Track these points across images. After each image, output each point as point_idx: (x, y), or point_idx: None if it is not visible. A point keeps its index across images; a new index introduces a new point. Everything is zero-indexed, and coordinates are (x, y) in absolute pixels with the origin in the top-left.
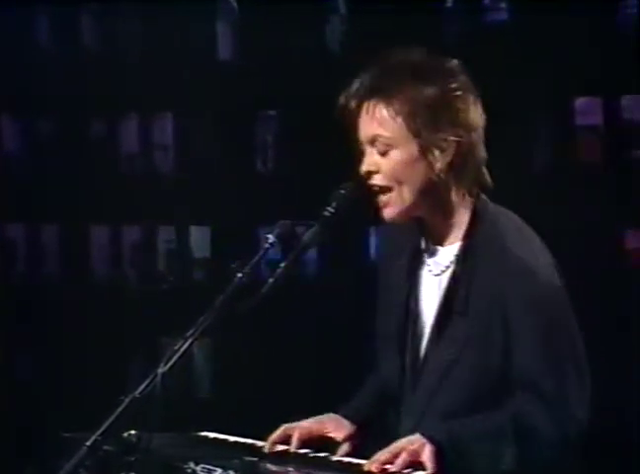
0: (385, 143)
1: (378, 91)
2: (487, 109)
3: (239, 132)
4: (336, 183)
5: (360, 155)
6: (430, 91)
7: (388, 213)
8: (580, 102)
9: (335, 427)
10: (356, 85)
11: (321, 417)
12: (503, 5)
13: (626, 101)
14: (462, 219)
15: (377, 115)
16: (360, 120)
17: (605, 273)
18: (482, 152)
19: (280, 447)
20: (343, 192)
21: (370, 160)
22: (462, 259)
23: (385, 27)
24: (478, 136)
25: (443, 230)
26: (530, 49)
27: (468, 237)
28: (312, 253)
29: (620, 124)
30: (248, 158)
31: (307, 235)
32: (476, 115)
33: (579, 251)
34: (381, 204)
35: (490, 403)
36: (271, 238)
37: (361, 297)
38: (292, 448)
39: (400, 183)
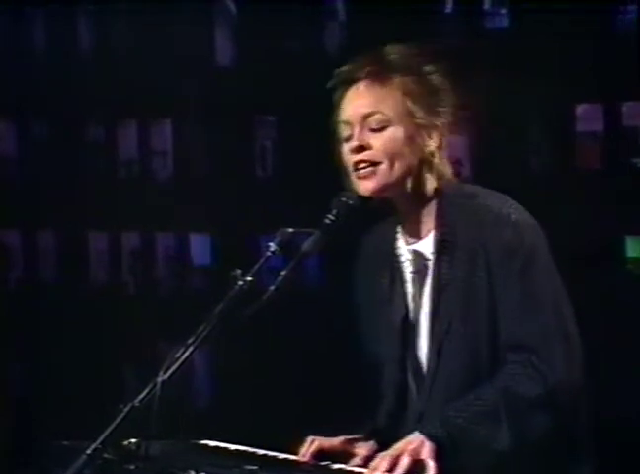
0: (382, 120)
1: (374, 73)
2: (488, 115)
3: (238, 138)
4: (336, 190)
5: (337, 140)
6: (426, 73)
7: (369, 185)
8: (581, 108)
9: (359, 446)
10: (346, 68)
11: (351, 436)
12: (503, 11)
13: (627, 107)
14: (433, 206)
15: (374, 93)
16: (345, 102)
17: (605, 279)
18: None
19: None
20: (344, 199)
21: (362, 136)
22: (441, 242)
23: (384, 32)
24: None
25: (418, 220)
26: (531, 56)
27: (441, 219)
28: (313, 260)
29: (621, 131)
30: (247, 164)
31: (308, 243)
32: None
33: (579, 256)
34: (364, 176)
35: (487, 375)
36: (272, 246)
37: None
38: (305, 459)
39: (392, 159)
